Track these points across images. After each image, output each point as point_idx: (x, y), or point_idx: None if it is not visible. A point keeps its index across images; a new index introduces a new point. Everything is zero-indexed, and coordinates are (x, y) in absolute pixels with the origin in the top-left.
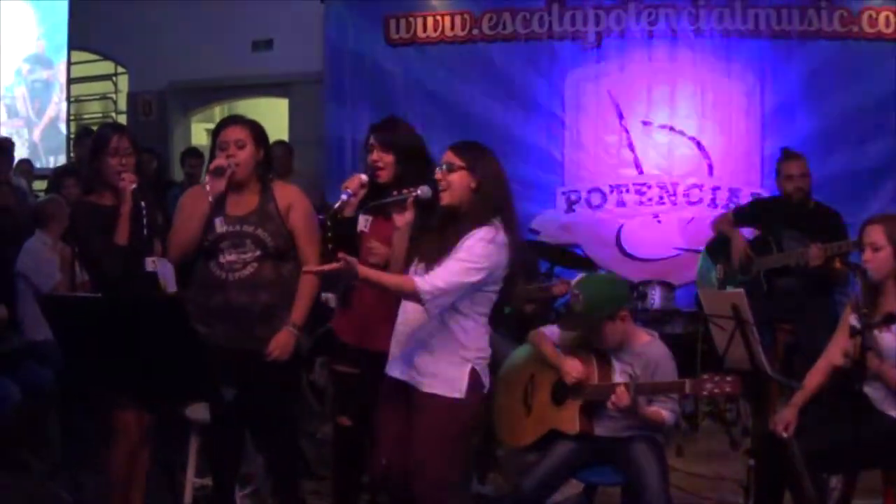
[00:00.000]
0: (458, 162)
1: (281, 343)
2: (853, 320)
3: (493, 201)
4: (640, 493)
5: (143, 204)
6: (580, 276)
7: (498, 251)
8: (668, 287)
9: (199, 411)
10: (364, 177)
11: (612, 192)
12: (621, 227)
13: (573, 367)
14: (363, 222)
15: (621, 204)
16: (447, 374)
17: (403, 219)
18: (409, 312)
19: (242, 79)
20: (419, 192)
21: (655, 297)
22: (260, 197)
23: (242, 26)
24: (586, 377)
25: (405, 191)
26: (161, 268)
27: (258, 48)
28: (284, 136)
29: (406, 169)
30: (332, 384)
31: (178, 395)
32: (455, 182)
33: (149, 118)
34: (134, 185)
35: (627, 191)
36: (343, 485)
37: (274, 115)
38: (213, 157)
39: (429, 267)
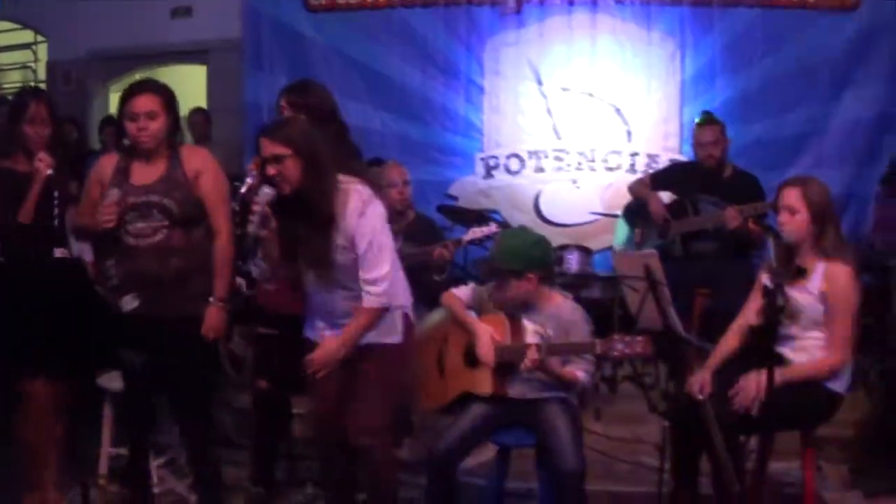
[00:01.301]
0: (282, 151)
1: (213, 322)
2: (765, 280)
3: (325, 167)
4: (553, 454)
5: (55, 194)
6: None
7: (376, 205)
8: (585, 252)
9: (112, 380)
10: (250, 179)
11: (530, 157)
12: (539, 192)
13: (485, 344)
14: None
15: (540, 170)
16: (385, 323)
17: (269, 230)
18: (317, 312)
19: (162, 46)
20: (267, 195)
21: (573, 262)
22: (167, 164)
23: None
24: (499, 340)
25: (257, 208)
26: (76, 248)
27: (178, 15)
28: (203, 104)
29: (319, 131)
30: (250, 348)
31: (85, 361)
32: (288, 171)
33: (68, 87)
34: (49, 172)
35: (546, 157)
36: (262, 452)
37: (193, 83)
38: (121, 125)
39: (318, 270)
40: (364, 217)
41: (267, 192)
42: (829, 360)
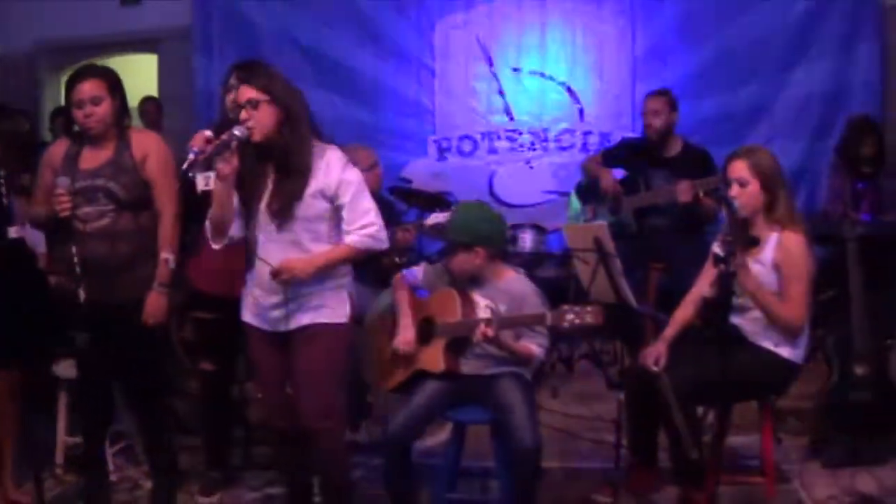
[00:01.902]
0: (258, 96)
1: (154, 307)
2: (717, 248)
3: (301, 118)
4: (508, 430)
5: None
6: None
7: (354, 168)
8: (539, 230)
9: (66, 369)
10: (209, 133)
11: (483, 139)
12: (493, 173)
13: (404, 340)
14: (202, 181)
15: (493, 151)
16: (331, 302)
17: (229, 166)
18: (273, 259)
19: (112, 35)
20: (238, 133)
21: (527, 241)
22: (115, 148)
23: None
24: (448, 307)
25: (223, 136)
26: (28, 233)
27: (127, 4)
28: (154, 93)
29: None
30: (191, 332)
31: (29, 342)
32: (262, 118)
33: (18, 78)
34: None
35: (499, 138)
36: (213, 435)
37: (144, 72)
38: (69, 112)
39: (281, 218)
40: (349, 170)
41: (238, 131)
42: (786, 313)
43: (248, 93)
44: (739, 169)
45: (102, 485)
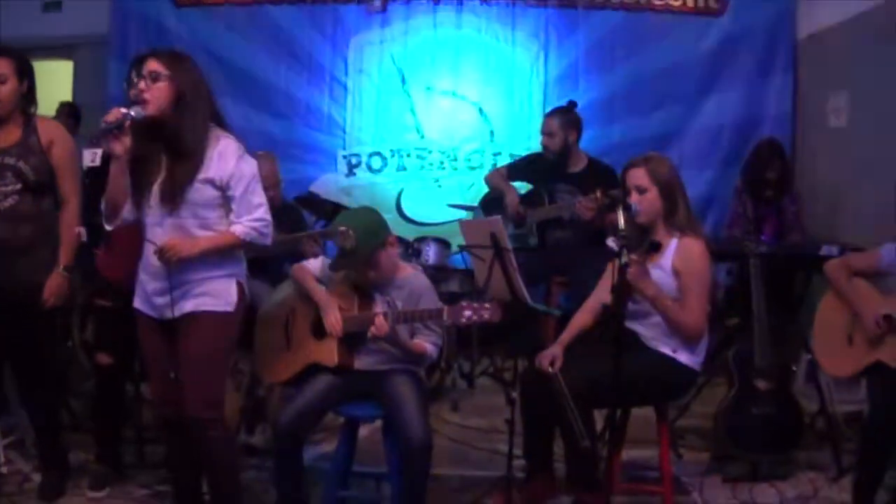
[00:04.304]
0: (160, 70)
1: (55, 289)
2: (611, 242)
3: (198, 102)
4: (399, 426)
5: None
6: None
7: (251, 160)
8: (443, 244)
9: None
10: (124, 109)
11: (392, 156)
12: (402, 191)
13: (334, 320)
14: (89, 157)
15: (402, 168)
16: (216, 290)
17: (121, 145)
18: (160, 241)
19: (30, 39)
20: (132, 113)
21: (430, 254)
22: (22, 130)
23: None
24: (346, 311)
25: (116, 114)
26: None
27: (48, 9)
28: (69, 99)
29: None
30: (91, 321)
31: None
32: (159, 93)
33: None
34: None
35: (409, 155)
36: (105, 430)
37: (61, 78)
38: None
39: (170, 202)
40: (243, 161)
41: (133, 111)
42: (685, 318)
43: (151, 65)
44: (638, 176)
45: None
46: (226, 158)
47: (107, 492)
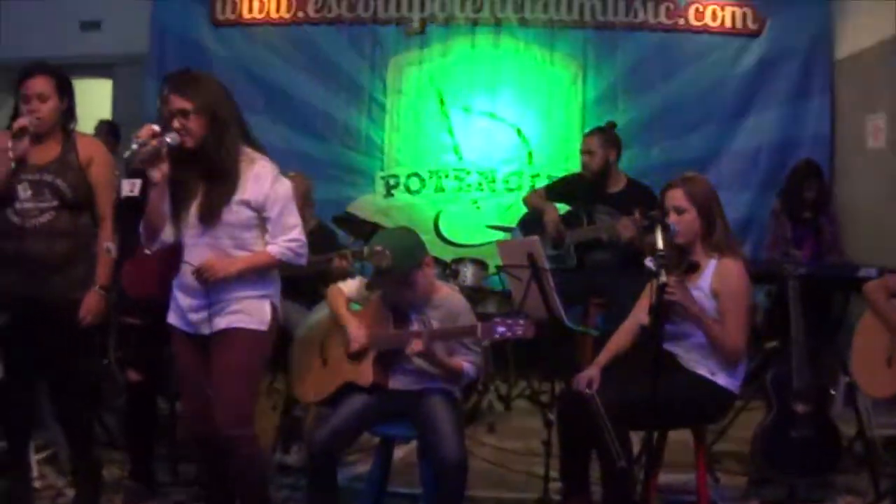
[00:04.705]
0: (186, 105)
1: (92, 307)
2: (649, 262)
3: (227, 124)
4: (434, 445)
5: None
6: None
7: (286, 181)
8: (480, 265)
9: None
10: (156, 126)
11: (431, 177)
12: (440, 212)
13: (358, 335)
14: (127, 187)
15: (440, 190)
16: (251, 309)
17: (160, 172)
18: (197, 261)
19: (69, 59)
20: (169, 139)
21: (467, 275)
22: (62, 147)
23: (72, 7)
24: (380, 323)
25: (154, 142)
26: None
27: (86, 29)
28: (109, 117)
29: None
30: (119, 339)
31: None
32: (191, 125)
33: None
34: None
35: (447, 177)
36: (138, 448)
37: (101, 97)
38: (17, 107)
39: (207, 224)
40: (279, 183)
41: (170, 138)
42: (727, 339)
43: (176, 102)
44: (677, 197)
45: (25, 489)
46: (262, 181)
47: None
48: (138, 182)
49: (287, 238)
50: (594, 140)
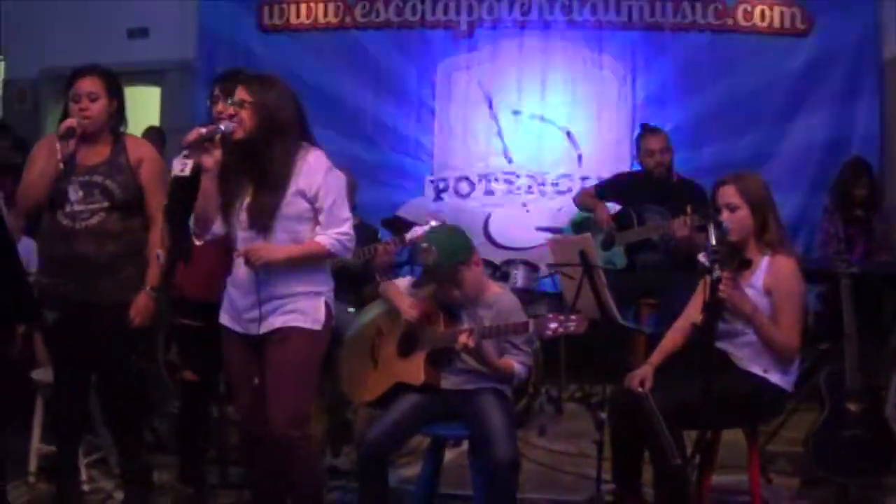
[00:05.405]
0: (248, 98)
1: (141, 308)
2: (702, 258)
3: (281, 131)
4: (485, 444)
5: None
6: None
7: (339, 173)
8: (531, 267)
9: (44, 374)
10: (204, 130)
11: (480, 180)
12: (489, 215)
13: (411, 306)
14: (178, 165)
15: (490, 193)
16: (305, 308)
17: (212, 158)
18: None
19: (117, 66)
20: (223, 127)
21: (518, 277)
22: (111, 148)
23: (119, 14)
24: (431, 322)
25: (206, 129)
26: (22, 247)
27: (134, 36)
28: (157, 124)
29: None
30: (175, 340)
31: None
32: (247, 118)
33: (23, 105)
34: None
35: (496, 180)
36: (189, 450)
37: (148, 103)
38: (67, 107)
39: (258, 224)
40: (332, 174)
41: (223, 125)
42: (781, 337)
43: (240, 92)
44: (729, 194)
45: (74, 493)
46: (314, 170)
47: None
48: (189, 162)
49: (338, 231)
50: (663, 138)
